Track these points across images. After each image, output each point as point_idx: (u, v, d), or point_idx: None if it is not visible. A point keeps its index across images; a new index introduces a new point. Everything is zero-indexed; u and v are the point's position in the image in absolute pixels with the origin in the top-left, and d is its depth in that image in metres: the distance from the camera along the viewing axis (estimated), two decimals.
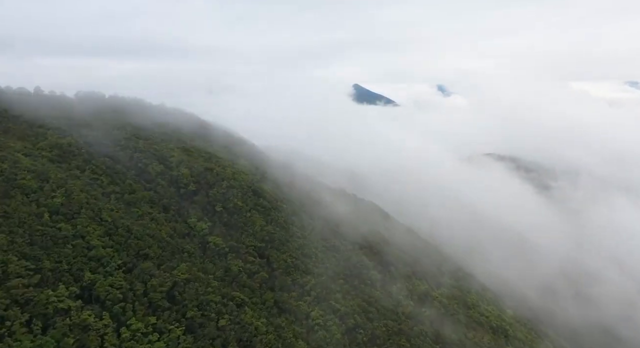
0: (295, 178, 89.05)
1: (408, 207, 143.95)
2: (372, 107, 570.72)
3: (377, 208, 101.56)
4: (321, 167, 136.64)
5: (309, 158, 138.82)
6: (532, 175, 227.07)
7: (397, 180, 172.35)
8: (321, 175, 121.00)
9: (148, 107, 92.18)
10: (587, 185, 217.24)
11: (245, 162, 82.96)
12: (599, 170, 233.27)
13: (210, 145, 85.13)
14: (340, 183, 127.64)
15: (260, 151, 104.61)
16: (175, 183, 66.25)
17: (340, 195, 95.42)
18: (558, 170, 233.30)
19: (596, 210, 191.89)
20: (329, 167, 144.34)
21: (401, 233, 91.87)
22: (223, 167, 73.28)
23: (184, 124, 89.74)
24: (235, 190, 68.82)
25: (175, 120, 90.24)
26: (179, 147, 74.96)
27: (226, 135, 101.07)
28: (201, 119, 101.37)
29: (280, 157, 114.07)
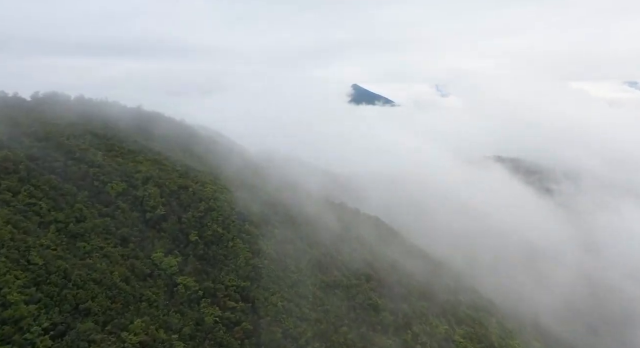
0: (289, 193, 75.79)
1: (408, 213, 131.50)
2: (371, 108, 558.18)
3: (381, 224, 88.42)
4: (318, 174, 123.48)
5: (304, 164, 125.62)
6: (534, 177, 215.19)
7: (396, 185, 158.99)
8: (318, 184, 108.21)
9: (120, 111, 78.76)
10: (590, 188, 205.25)
11: (231, 175, 69.76)
12: (601, 172, 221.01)
13: (191, 155, 71.96)
14: (337, 191, 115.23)
15: (251, 159, 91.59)
16: (140, 206, 53.04)
17: (340, 211, 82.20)
18: (559, 171, 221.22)
19: (603, 215, 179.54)
20: (327, 174, 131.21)
21: (409, 254, 78.77)
22: (202, 184, 60.02)
23: (163, 131, 76.50)
24: (216, 213, 55.61)
25: (152, 126, 77.04)
26: (149, 160, 61.70)
27: (213, 143, 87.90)
28: (185, 124, 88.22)
29: (273, 165, 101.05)
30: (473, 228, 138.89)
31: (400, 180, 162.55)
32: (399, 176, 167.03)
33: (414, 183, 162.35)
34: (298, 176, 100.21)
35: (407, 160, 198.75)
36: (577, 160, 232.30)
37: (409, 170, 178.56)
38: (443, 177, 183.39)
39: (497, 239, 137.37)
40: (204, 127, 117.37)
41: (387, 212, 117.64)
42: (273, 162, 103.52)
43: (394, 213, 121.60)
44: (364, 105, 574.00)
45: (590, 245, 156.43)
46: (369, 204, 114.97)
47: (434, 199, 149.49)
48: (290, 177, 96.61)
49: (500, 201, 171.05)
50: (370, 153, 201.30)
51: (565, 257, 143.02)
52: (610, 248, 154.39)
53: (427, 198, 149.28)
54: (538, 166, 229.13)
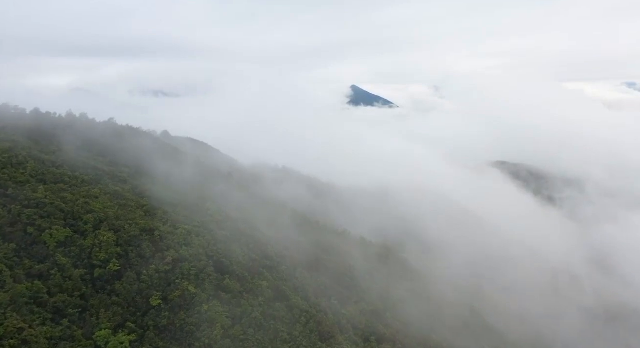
0: (283, 226, 63.26)
1: (406, 223, 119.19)
2: (370, 109, 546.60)
3: (397, 261, 75.73)
4: (312, 189, 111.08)
5: (300, 177, 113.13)
6: (535, 184, 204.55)
7: (392, 197, 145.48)
8: (311, 205, 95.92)
9: (85, 128, 65.93)
10: (593, 196, 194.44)
11: (213, 207, 57.12)
12: (602, 178, 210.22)
13: (167, 181, 59.22)
14: (330, 206, 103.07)
15: (241, 178, 79.03)
16: (87, 259, 40.47)
17: (345, 241, 69.72)
18: (559, 178, 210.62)
19: (610, 226, 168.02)
20: (326, 186, 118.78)
21: (429, 298, 66.34)
22: (173, 225, 47.44)
23: (134, 152, 63.80)
24: (187, 264, 43.12)
25: (122, 145, 64.32)
26: (108, 193, 49.10)
27: (198, 163, 75.11)
28: (163, 141, 75.26)
29: (264, 184, 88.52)
30: (476, 238, 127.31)
31: (397, 191, 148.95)
32: (395, 186, 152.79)
33: (411, 193, 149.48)
34: (290, 192, 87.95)
35: (403, 168, 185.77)
36: (577, 166, 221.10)
37: (405, 180, 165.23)
38: (441, 186, 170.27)
39: (503, 251, 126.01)
40: (190, 139, 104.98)
41: (382, 226, 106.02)
42: (265, 180, 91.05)
43: (389, 227, 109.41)
44: (363, 107, 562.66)
45: (602, 261, 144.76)
46: (361, 220, 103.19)
47: (431, 212, 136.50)
48: (282, 201, 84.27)
49: (502, 210, 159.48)
50: (365, 161, 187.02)
51: (578, 275, 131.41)
52: (624, 266, 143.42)
53: (424, 211, 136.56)
54: (539, 172, 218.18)
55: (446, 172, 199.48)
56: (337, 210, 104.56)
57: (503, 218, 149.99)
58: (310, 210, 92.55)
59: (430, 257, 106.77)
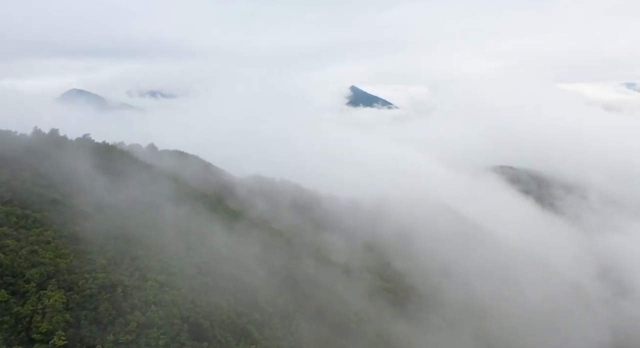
0: (277, 259, 54.37)
1: (405, 238, 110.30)
2: (369, 110, 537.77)
3: (406, 293, 67.00)
4: (312, 202, 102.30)
5: (298, 192, 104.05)
6: (537, 191, 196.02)
7: (392, 204, 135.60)
8: (312, 215, 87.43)
9: (49, 150, 56.47)
10: (595, 203, 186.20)
11: (194, 242, 48.20)
12: (602, 183, 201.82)
13: (138, 214, 50.17)
14: (330, 222, 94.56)
15: (230, 204, 70.06)
16: (24, 332, 31.57)
17: (348, 276, 60.85)
18: (559, 184, 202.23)
19: (614, 236, 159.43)
20: (324, 199, 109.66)
21: None
22: (142, 276, 38.44)
23: (105, 178, 54.68)
24: (156, 331, 34.23)
25: (90, 170, 55.26)
26: (65, 236, 40.00)
27: (183, 186, 66.12)
28: (142, 163, 65.97)
29: (257, 203, 79.68)
30: (484, 257, 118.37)
31: (395, 201, 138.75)
32: (393, 196, 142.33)
33: (411, 204, 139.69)
34: (288, 220, 79.13)
35: (401, 176, 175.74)
36: (579, 170, 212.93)
37: (403, 188, 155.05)
38: (441, 194, 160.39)
39: (511, 263, 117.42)
40: (178, 153, 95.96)
41: (380, 243, 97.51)
42: (258, 197, 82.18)
43: (388, 244, 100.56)
44: (362, 108, 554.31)
45: (609, 274, 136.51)
46: (358, 235, 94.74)
47: (432, 224, 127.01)
48: (278, 218, 75.56)
49: (507, 220, 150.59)
50: (360, 169, 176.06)
51: (591, 296, 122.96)
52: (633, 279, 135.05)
53: (425, 223, 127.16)
54: (540, 177, 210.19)
55: (445, 179, 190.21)
56: (333, 226, 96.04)
57: (507, 229, 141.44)
58: (303, 230, 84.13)
59: (436, 278, 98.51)
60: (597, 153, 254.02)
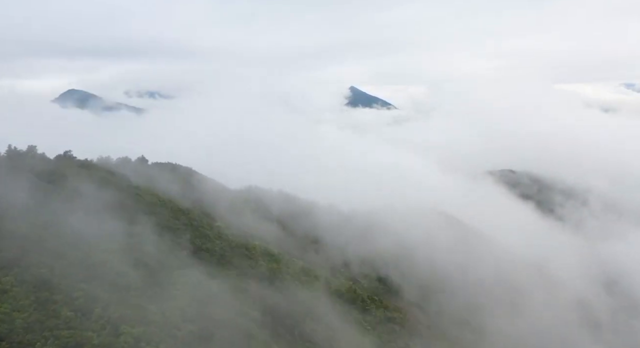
0: (265, 297, 49.17)
1: (405, 250, 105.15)
2: (368, 111, 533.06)
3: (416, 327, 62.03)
4: (309, 214, 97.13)
5: (295, 204, 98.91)
6: (537, 196, 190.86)
7: (389, 212, 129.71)
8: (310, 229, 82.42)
9: (23, 170, 51.60)
10: (597, 209, 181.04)
11: (179, 281, 43.16)
12: (603, 188, 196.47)
13: (117, 247, 45.03)
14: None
15: (220, 223, 64.91)
16: None
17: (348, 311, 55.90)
18: (559, 188, 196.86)
19: (618, 244, 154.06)
20: (323, 210, 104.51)
21: None
22: (113, 329, 33.43)
23: (84, 202, 49.63)
24: None
25: (65, 193, 50.18)
26: (27, 281, 35.02)
27: (172, 210, 60.88)
28: (127, 186, 60.55)
29: (248, 221, 74.60)
30: (488, 269, 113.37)
31: (393, 210, 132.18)
32: (391, 204, 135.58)
33: (410, 213, 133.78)
34: (285, 239, 74.08)
35: (399, 182, 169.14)
36: (578, 174, 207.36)
37: (401, 195, 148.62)
38: (440, 201, 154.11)
39: (520, 285, 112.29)
40: (171, 166, 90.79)
41: (377, 259, 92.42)
42: (249, 214, 77.14)
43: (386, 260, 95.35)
44: (361, 108, 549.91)
45: (614, 285, 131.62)
46: (353, 249, 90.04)
47: (432, 235, 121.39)
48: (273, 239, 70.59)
49: (508, 227, 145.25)
50: (356, 176, 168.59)
51: (594, 306, 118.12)
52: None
53: (425, 234, 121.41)
54: (538, 181, 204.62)
55: (445, 184, 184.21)
56: (329, 240, 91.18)
57: (509, 236, 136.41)
58: (300, 248, 79.31)
59: (436, 294, 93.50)
60: (597, 155, 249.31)
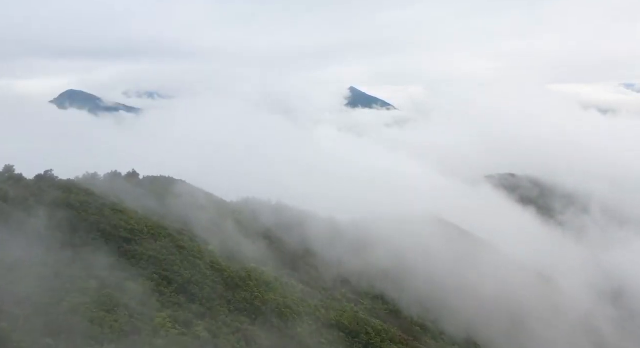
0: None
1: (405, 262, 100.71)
2: (367, 112, 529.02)
3: None
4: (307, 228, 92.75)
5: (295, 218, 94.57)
6: (536, 200, 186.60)
7: (386, 221, 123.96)
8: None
9: None
10: (598, 216, 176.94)
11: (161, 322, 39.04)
12: (603, 193, 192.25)
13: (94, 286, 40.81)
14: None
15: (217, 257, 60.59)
16: None
17: None
18: (559, 194, 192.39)
19: (622, 253, 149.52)
20: (323, 222, 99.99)
21: None
22: None
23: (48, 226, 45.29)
24: None
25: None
26: None
27: (163, 236, 56.50)
28: (107, 217, 55.94)
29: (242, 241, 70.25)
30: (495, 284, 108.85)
31: (386, 216, 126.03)
32: (391, 214, 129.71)
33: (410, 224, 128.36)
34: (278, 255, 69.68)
35: (394, 188, 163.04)
36: (579, 178, 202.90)
37: (397, 201, 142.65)
38: (438, 205, 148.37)
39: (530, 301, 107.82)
40: (165, 180, 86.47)
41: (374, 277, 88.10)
42: (250, 231, 72.66)
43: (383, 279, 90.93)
44: (360, 109, 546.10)
45: (621, 298, 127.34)
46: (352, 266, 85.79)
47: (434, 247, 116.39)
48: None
49: (506, 232, 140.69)
50: (354, 182, 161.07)
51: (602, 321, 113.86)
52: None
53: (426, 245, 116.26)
54: (538, 185, 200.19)
55: (444, 190, 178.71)
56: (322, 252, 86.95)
57: (511, 244, 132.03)
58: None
59: (436, 312, 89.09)
60: (597, 158, 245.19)
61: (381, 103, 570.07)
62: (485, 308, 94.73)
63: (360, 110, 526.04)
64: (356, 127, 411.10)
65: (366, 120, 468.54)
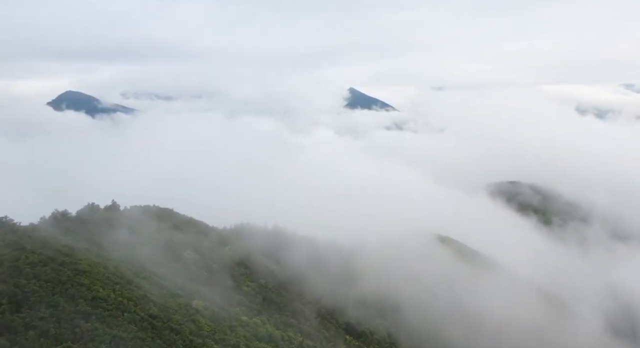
0: None
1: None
2: (367, 112, 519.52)
3: None
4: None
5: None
6: (537, 210, 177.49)
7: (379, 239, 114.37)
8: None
9: None
10: (599, 229, 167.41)
11: None
12: (604, 204, 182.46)
13: None
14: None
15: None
16: None
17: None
18: (562, 203, 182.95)
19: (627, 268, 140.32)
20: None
21: None
22: None
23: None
24: None
25: None
26: None
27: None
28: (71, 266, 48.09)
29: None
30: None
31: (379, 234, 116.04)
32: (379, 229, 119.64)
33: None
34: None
35: (388, 201, 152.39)
36: (578, 187, 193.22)
37: (391, 217, 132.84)
38: (434, 218, 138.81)
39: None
40: (148, 210, 78.24)
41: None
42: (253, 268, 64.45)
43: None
44: (359, 110, 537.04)
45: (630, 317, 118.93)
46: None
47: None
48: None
49: (507, 246, 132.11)
50: (348, 196, 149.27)
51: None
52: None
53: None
54: (538, 192, 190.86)
55: (440, 201, 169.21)
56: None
57: (514, 260, 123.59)
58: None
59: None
60: (596, 164, 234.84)
61: (381, 104, 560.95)
62: (488, 338, 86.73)
63: (360, 111, 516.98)
64: (354, 129, 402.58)
65: (365, 121, 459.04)
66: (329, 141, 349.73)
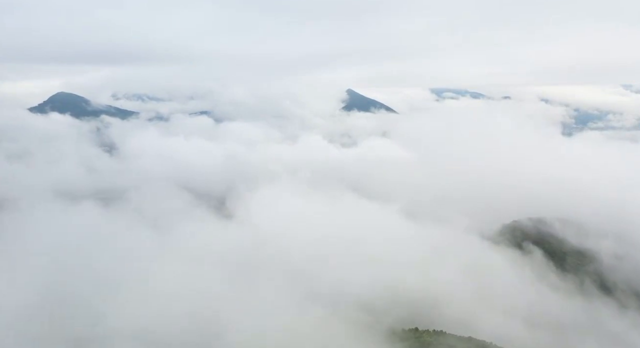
0: None
1: None
2: (365, 115, 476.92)
3: None
4: None
5: None
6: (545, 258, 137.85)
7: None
8: None
9: None
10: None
11: None
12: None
13: None
14: None
15: None
16: None
17: None
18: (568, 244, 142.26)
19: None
20: None
21: None
22: None
23: None
24: None
25: None
26: None
27: None
28: None
29: None
30: None
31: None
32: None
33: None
34: None
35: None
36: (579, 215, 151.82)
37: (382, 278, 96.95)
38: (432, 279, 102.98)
39: None
40: None
41: None
42: None
43: None
44: (356, 112, 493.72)
45: None
46: None
47: None
48: None
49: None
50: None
51: None
52: None
53: None
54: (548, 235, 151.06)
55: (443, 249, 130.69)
56: None
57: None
58: None
59: None
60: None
61: (379, 105, 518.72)
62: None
63: (356, 114, 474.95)
64: (347, 135, 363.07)
65: (360, 125, 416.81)
66: (317, 147, 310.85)
